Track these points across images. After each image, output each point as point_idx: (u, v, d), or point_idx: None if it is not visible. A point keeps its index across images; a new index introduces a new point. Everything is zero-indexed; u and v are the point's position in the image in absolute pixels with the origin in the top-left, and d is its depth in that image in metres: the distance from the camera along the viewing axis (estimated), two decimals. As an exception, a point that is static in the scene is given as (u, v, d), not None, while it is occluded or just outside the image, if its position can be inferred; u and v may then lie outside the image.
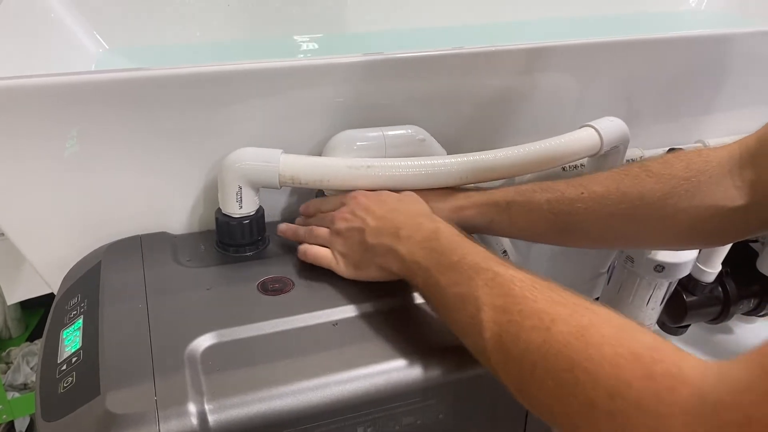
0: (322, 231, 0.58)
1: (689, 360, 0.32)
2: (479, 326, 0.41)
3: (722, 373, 0.30)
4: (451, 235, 0.49)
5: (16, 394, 1.21)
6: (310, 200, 0.64)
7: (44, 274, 0.62)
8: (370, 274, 0.54)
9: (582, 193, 0.57)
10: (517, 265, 0.45)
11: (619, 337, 0.35)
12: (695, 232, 0.55)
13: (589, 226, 0.58)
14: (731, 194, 0.52)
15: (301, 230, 0.60)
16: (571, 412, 0.35)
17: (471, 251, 0.46)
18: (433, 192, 0.62)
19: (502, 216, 0.60)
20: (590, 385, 0.34)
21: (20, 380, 1.23)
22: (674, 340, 1.08)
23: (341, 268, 0.56)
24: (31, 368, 1.23)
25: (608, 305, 0.92)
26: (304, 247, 0.58)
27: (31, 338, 1.30)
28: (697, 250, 0.85)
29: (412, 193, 0.59)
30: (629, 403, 0.32)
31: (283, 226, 0.62)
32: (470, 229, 0.62)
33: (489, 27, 1.02)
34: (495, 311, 0.41)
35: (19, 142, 0.55)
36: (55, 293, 0.59)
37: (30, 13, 0.74)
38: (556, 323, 0.38)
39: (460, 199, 0.61)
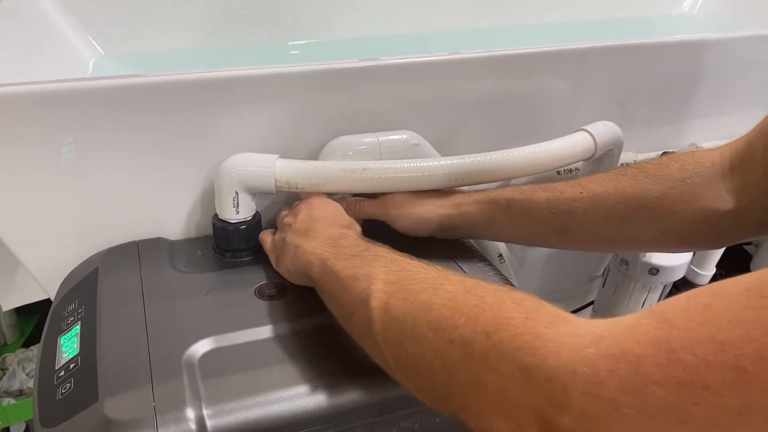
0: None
1: (574, 315, 0.32)
2: (368, 297, 0.41)
3: (608, 319, 0.30)
4: (357, 238, 0.50)
5: (12, 401, 1.20)
6: None
7: (41, 280, 0.62)
8: (281, 270, 0.55)
9: (581, 192, 0.58)
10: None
11: (505, 290, 0.35)
12: (690, 235, 0.56)
13: (588, 227, 0.58)
14: (723, 197, 0.52)
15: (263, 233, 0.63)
16: (448, 364, 0.34)
17: (375, 247, 0.47)
18: (432, 190, 0.62)
19: (502, 215, 0.60)
20: (470, 326, 0.33)
21: (16, 386, 1.22)
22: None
23: (270, 256, 0.58)
24: (27, 374, 1.23)
25: (603, 308, 0.93)
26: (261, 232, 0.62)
27: (27, 344, 1.30)
28: (692, 253, 0.85)
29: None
30: (505, 339, 0.31)
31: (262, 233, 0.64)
32: (469, 228, 0.62)
33: (483, 32, 1.02)
34: (386, 284, 0.41)
35: (15, 149, 0.55)
36: (52, 299, 0.59)
37: (24, 18, 0.74)
38: (444, 284, 0.38)
39: (459, 196, 0.62)
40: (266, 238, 0.60)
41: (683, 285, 0.96)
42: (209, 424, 0.41)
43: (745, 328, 0.24)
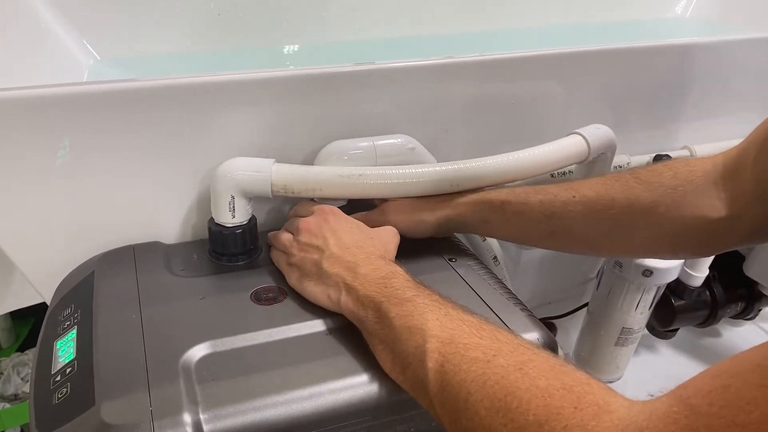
0: (285, 237, 0.59)
1: (618, 396, 0.34)
2: (423, 355, 0.42)
3: (645, 405, 0.32)
4: (407, 279, 0.49)
5: (7, 405, 1.20)
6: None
7: (37, 284, 0.62)
8: (316, 297, 0.53)
9: (574, 196, 0.58)
10: (468, 309, 0.46)
11: (555, 372, 0.36)
12: (682, 242, 0.56)
13: (579, 231, 0.59)
14: (715, 205, 0.53)
15: (272, 233, 0.62)
16: None
17: (426, 293, 0.47)
18: None
19: (496, 215, 0.61)
20: (521, 413, 0.35)
21: (11, 391, 1.22)
22: (664, 345, 1.09)
23: (289, 277, 0.56)
24: (22, 379, 1.22)
25: (598, 310, 0.93)
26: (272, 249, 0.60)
27: (22, 348, 1.29)
28: (685, 255, 0.86)
29: (392, 228, 0.60)
30: (556, 430, 0.33)
31: (271, 233, 0.63)
32: (464, 228, 0.64)
33: (477, 35, 1.03)
34: (441, 342, 0.42)
35: (12, 153, 0.55)
36: (48, 303, 0.59)
37: (20, 23, 0.74)
38: (497, 357, 0.39)
39: (456, 197, 0.62)
40: (278, 254, 0.59)
41: (677, 286, 0.96)
42: (206, 428, 0.41)
43: (762, 408, 0.26)
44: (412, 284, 0.48)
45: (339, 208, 0.61)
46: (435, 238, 0.64)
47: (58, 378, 0.46)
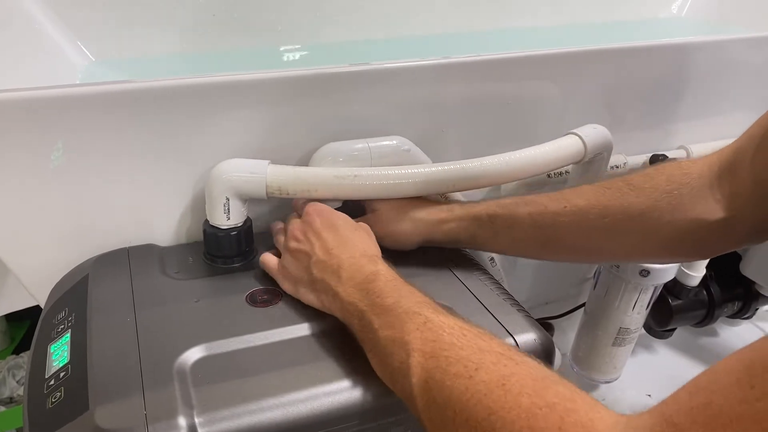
0: (281, 240, 0.59)
1: (602, 412, 0.34)
2: (407, 371, 0.41)
3: (628, 424, 0.32)
4: (388, 279, 0.49)
5: (2, 408, 1.19)
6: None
7: (31, 287, 0.62)
8: (309, 300, 0.53)
9: (565, 206, 0.57)
10: (449, 310, 0.45)
11: (538, 388, 0.36)
12: (678, 246, 0.55)
13: (572, 240, 0.58)
14: (712, 207, 0.52)
15: (273, 230, 0.62)
16: None
17: (406, 295, 0.47)
18: (414, 203, 0.62)
19: (485, 230, 0.60)
20: None
21: (6, 394, 1.21)
22: (661, 344, 1.09)
23: (282, 282, 0.56)
24: (17, 382, 1.22)
25: (595, 310, 0.93)
26: (263, 254, 0.60)
27: (17, 351, 1.29)
28: (682, 255, 0.85)
29: (366, 225, 0.59)
30: None
31: (274, 226, 0.63)
32: (453, 244, 0.63)
33: (474, 36, 1.03)
34: (424, 356, 0.41)
35: (5, 155, 0.54)
36: (42, 306, 0.58)
37: (13, 25, 0.74)
38: (479, 372, 0.38)
39: (442, 212, 0.61)
40: (269, 261, 0.58)
41: (674, 286, 0.96)
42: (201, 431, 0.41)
43: (745, 425, 0.26)
44: (391, 286, 0.48)
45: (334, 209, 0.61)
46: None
47: (52, 382, 0.46)
